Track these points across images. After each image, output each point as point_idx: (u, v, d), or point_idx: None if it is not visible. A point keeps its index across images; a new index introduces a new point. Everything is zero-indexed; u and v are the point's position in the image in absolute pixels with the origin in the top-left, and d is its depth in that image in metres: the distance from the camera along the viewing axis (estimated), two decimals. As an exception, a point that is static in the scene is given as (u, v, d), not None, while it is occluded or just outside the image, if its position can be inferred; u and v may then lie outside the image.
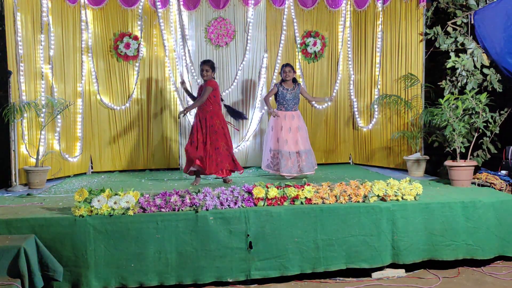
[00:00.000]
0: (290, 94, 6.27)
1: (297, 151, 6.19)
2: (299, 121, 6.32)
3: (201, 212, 4.16)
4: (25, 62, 6.04)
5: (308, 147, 6.35)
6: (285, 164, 6.10)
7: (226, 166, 5.95)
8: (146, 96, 7.44)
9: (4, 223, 3.97)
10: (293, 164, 6.13)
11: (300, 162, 6.18)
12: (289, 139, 6.17)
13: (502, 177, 5.54)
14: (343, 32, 7.88)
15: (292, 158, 6.13)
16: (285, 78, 6.28)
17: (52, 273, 3.84)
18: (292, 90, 6.29)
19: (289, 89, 6.28)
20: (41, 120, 6.21)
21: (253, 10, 7.51)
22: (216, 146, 5.88)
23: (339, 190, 4.48)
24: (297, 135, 6.23)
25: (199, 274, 4.13)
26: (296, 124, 6.26)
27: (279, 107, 6.33)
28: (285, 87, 6.29)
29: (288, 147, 6.15)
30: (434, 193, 4.95)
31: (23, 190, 5.69)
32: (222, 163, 5.91)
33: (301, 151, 6.21)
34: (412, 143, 6.65)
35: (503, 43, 5.81)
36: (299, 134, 6.25)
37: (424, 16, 6.66)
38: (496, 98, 5.99)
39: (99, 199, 4.07)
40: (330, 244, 4.31)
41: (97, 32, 7.23)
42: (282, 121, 6.25)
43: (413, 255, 4.43)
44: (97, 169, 7.36)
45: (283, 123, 6.23)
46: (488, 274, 4.44)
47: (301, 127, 6.33)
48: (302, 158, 6.19)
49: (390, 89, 7.21)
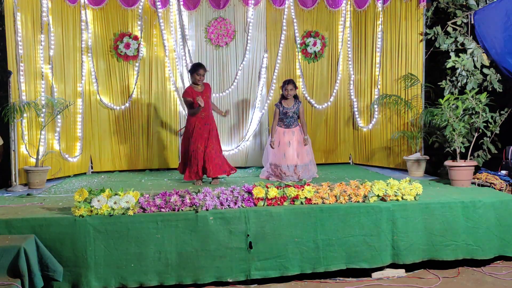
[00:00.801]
0: (291, 112, 6.23)
1: (295, 165, 6.14)
2: (299, 136, 6.26)
3: (201, 212, 4.16)
4: (25, 62, 6.05)
5: (308, 161, 6.27)
6: (285, 176, 6.08)
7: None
8: (146, 96, 7.44)
9: (4, 223, 3.97)
10: (293, 175, 6.10)
11: (299, 174, 6.14)
12: (288, 152, 6.14)
13: (502, 177, 5.54)
14: (343, 32, 7.88)
15: (290, 171, 6.10)
16: (286, 96, 6.21)
17: (52, 273, 3.84)
18: (292, 108, 6.23)
19: (289, 108, 6.22)
20: (41, 120, 6.21)
21: (253, 10, 7.51)
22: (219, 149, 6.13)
23: (339, 190, 4.48)
24: (297, 149, 6.19)
25: (199, 274, 4.14)
26: (296, 139, 6.22)
27: (279, 124, 6.29)
28: (285, 106, 6.21)
29: (285, 161, 6.12)
30: (434, 193, 4.95)
31: (23, 190, 5.70)
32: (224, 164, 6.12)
33: (298, 166, 6.15)
34: (412, 143, 6.65)
35: (503, 43, 5.81)
36: (299, 149, 6.21)
37: (424, 16, 6.66)
38: (496, 98, 5.99)
39: (99, 199, 4.07)
40: (330, 244, 4.31)
41: (97, 32, 7.24)
42: (281, 137, 6.22)
43: (413, 255, 4.43)
44: (97, 169, 7.36)
45: (281, 139, 6.21)
46: (488, 274, 4.44)
47: (301, 141, 6.28)
48: (300, 172, 6.15)
49: (390, 89, 7.21)
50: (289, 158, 6.13)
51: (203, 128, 5.92)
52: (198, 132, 5.90)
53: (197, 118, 5.91)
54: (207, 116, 5.97)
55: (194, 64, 6.04)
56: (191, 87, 5.97)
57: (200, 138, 5.89)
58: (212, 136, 5.97)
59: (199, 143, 5.89)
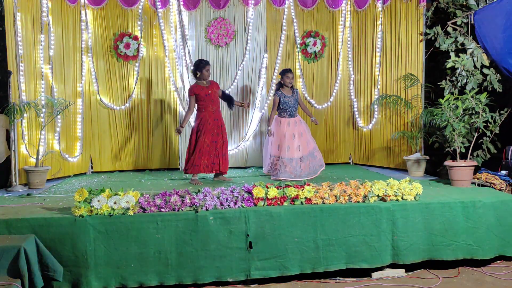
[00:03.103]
0: (291, 101, 6.25)
1: (300, 157, 6.13)
2: (302, 126, 6.30)
3: (201, 212, 4.16)
4: (25, 62, 6.04)
5: (312, 148, 6.28)
6: (284, 170, 6.04)
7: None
8: (146, 96, 7.44)
9: (4, 223, 3.97)
10: (294, 169, 6.05)
11: (303, 168, 6.10)
12: (292, 145, 6.12)
13: (502, 177, 5.54)
14: (343, 32, 7.88)
15: (293, 164, 6.07)
16: (288, 85, 6.24)
17: (52, 273, 3.84)
18: (292, 96, 6.27)
19: (290, 96, 6.25)
20: (41, 120, 6.21)
21: (253, 10, 7.51)
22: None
23: (339, 190, 4.48)
24: (301, 140, 6.20)
25: (199, 274, 4.14)
26: (300, 130, 6.23)
27: (282, 114, 6.28)
28: (285, 94, 6.25)
29: (290, 154, 6.10)
30: (434, 193, 4.96)
31: (23, 190, 5.69)
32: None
33: (304, 157, 6.15)
34: (412, 143, 6.65)
35: (503, 43, 5.81)
36: (303, 139, 6.23)
37: (424, 16, 6.66)
38: (496, 98, 5.99)
39: (99, 199, 4.07)
40: (330, 244, 4.31)
41: (97, 32, 7.23)
42: (286, 128, 6.20)
43: (413, 255, 4.43)
44: (97, 169, 7.36)
45: (287, 130, 6.19)
46: (488, 274, 4.44)
47: (306, 131, 6.32)
48: (306, 163, 6.13)
49: (390, 89, 7.21)
50: (293, 151, 6.11)
51: (213, 123, 6.00)
52: (209, 127, 5.97)
53: (208, 113, 5.99)
54: (217, 111, 6.09)
55: (200, 60, 6.14)
56: (196, 84, 6.08)
57: (212, 133, 5.98)
58: (223, 132, 6.10)
59: (213, 138, 5.97)
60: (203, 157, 5.91)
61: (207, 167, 5.96)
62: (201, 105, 6.03)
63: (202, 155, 5.91)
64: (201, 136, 5.93)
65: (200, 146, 5.91)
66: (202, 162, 5.91)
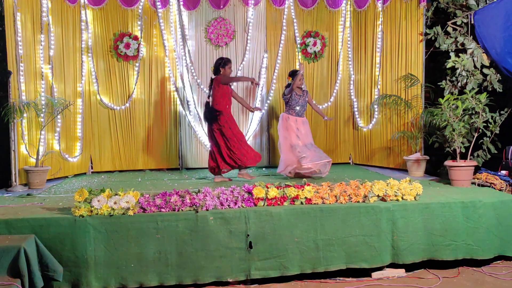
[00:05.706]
0: (301, 101, 6.30)
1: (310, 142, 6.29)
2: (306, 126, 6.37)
3: (201, 212, 4.16)
4: (25, 62, 6.04)
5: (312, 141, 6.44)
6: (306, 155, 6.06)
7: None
8: (146, 96, 7.44)
9: (4, 223, 3.97)
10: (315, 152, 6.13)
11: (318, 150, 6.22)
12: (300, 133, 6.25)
13: (502, 177, 5.54)
14: (343, 32, 7.88)
15: (311, 148, 6.17)
16: (299, 85, 6.32)
17: (52, 273, 3.83)
18: (302, 96, 6.34)
19: (300, 96, 6.32)
20: (41, 120, 6.21)
21: (253, 10, 7.51)
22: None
23: (339, 190, 4.48)
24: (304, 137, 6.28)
25: (199, 274, 4.13)
26: (304, 131, 6.30)
27: (290, 111, 6.33)
28: (297, 93, 6.30)
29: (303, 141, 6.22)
30: (434, 193, 4.95)
31: (23, 190, 5.69)
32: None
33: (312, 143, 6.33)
34: (412, 143, 6.64)
35: (503, 43, 5.81)
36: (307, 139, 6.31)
37: (424, 16, 6.66)
38: (496, 98, 5.99)
39: (99, 199, 4.07)
40: (330, 244, 4.31)
41: (97, 32, 7.24)
42: (294, 123, 6.28)
43: (413, 255, 4.43)
44: (97, 169, 7.36)
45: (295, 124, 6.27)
46: (488, 274, 4.44)
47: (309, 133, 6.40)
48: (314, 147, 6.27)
49: (390, 89, 7.21)
50: (302, 138, 6.21)
51: (232, 118, 6.16)
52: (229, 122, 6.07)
53: (226, 110, 6.10)
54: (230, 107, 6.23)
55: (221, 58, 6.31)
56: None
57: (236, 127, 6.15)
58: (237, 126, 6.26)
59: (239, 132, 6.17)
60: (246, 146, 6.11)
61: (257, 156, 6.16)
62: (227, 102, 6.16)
63: (244, 144, 6.10)
64: (232, 132, 6.03)
65: (234, 141, 6.02)
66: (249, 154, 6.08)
